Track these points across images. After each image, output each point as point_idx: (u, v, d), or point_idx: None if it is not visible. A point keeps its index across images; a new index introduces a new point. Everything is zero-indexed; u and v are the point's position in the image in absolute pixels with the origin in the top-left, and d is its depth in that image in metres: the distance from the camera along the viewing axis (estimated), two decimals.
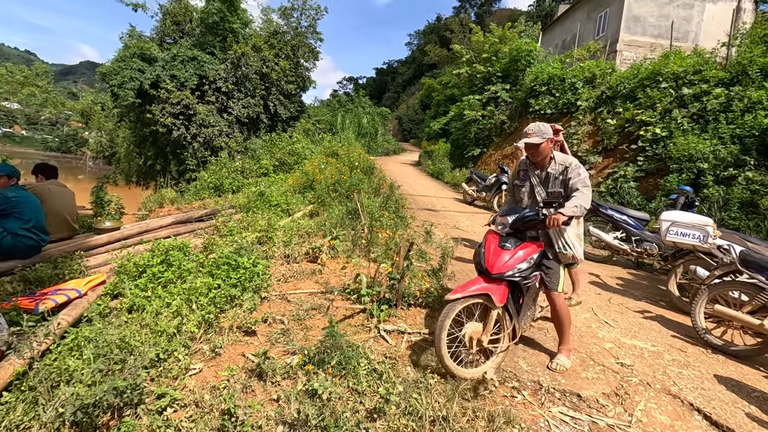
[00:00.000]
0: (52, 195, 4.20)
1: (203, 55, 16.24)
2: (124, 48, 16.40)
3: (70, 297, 3.03)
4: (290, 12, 17.97)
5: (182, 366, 2.50)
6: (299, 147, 12.57)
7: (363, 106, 27.13)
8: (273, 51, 17.22)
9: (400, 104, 51.51)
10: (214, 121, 15.96)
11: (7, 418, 1.95)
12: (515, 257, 2.62)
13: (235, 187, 9.96)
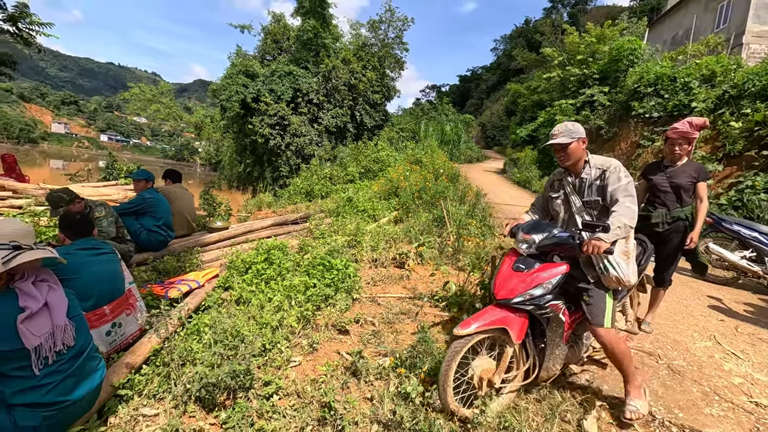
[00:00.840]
0: (177, 197, 4.82)
1: (298, 69, 17.46)
2: (231, 66, 18.28)
3: (192, 287, 3.43)
4: (378, 24, 18.58)
5: (285, 357, 2.68)
6: (383, 155, 12.87)
7: (446, 113, 27.01)
8: (361, 63, 17.92)
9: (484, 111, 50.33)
10: (306, 130, 17.06)
11: (147, 387, 2.26)
12: (528, 280, 2.16)
13: (324, 192, 10.51)
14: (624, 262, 2.24)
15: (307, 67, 18.02)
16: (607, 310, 2.24)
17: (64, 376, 1.70)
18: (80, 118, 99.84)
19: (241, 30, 19.89)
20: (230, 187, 21.90)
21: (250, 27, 20.30)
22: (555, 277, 2.17)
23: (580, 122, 15.16)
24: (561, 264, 2.23)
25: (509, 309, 2.17)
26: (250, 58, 19.17)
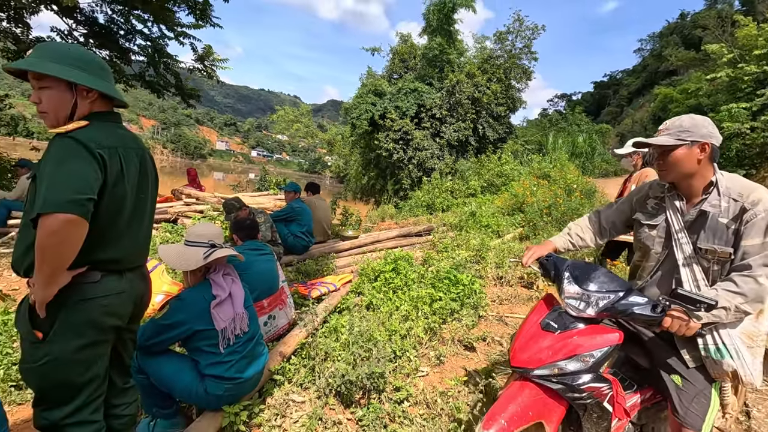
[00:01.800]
0: (316, 207, 5.37)
1: (423, 86, 18.00)
2: (362, 86, 19.71)
3: (330, 289, 3.77)
4: (505, 35, 18.14)
5: (413, 366, 2.77)
6: (507, 168, 12.42)
7: (578, 123, 24.90)
8: (485, 76, 17.69)
9: (624, 119, 45.04)
10: (428, 144, 17.43)
11: (296, 376, 2.55)
12: (559, 346, 1.53)
13: (445, 206, 10.58)
14: (748, 352, 1.48)
15: (431, 83, 18.47)
16: (709, 412, 1.53)
17: (240, 357, 2.02)
18: (237, 137, 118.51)
19: (371, 52, 21.39)
20: (355, 198, 23.44)
21: (380, 49, 21.67)
22: (600, 349, 1.50)
23: (758, 130, 12.54)
24: (612, 330, 1.55)
25: (537, 384, 1.55)
26: (378, 78, 20.45)
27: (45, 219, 1.22)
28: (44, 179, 1.26)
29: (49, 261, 1.26)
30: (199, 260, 1.97)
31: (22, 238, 1.37)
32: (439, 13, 17.40)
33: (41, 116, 1.40)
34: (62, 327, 1.36)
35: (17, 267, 1.39)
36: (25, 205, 1.37)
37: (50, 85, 1.36)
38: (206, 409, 2.03)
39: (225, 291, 2.02)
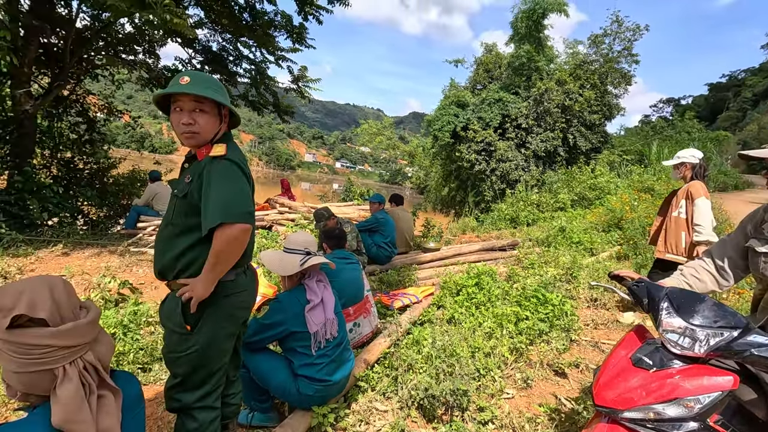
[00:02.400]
0: (400, 218, 5.46)
1: (508, 95, 17.47)
2: (444, 98, 19.70)
3: (412, 301, 3.79)
4: (601, 39, 16.95)
5: (498, 387, 2.66)
6: (602, 181, 11.48)
7: (688, 131, 22.21)
8: (578, 83, 16.66)
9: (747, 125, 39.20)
10: (512, 155, 16.81)
11: (379, 384, 2.60)
12: (656, 387, 1.30)
13: (530, 219, 10.07)
14: None
15: (517, 92, 17.86)
16: None
17: (329, 360, 2.12)
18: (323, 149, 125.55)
19: (455, 64, 21.33)
20: (434, 210, 23.33)
21: (463, 60, 21.51)
22: (708, 394, 1.25)
23: None
24: (724, 372, 1.30)
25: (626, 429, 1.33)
26: (461, 89, 20.30)
27: (226, 228, 1.45)
28: (218, 195, 1.47)
29: (222, 263, 1.50)
30: (295, 266, 2.12)
31: (171, 247, 1.57)
32: (528, 20, 16.82)
33: (191, 136, 1.57)
34: (208, 321, 1.57)
35: (167, 272, 1.60)
36: (172, 217, 1.59)
37: (208, 109, 1.57)
38: (297, 407, 2.16)
39: (318, 296, 2.15)
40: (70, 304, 1.11)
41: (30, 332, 1.08)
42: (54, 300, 1.08)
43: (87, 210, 7.66)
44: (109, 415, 1.11)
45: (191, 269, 1.57)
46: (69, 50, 7.25)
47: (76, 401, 1.06)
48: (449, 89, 21.37)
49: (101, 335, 1.16)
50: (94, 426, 1.07)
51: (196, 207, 1.54)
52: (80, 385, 1.08)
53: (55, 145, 7.84)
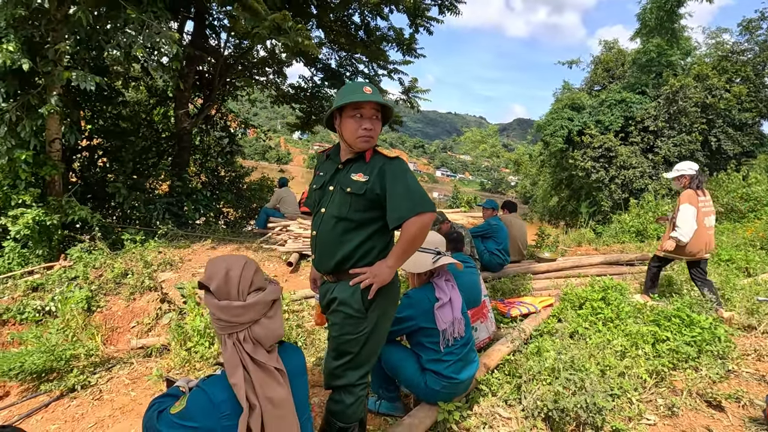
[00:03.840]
0: (512, 225, 5.28)
1: (632, 95, 15.78)
2: (556, 101, 18.53)
3: (530, 310, 3.64)
4: (757, 24, 14.42)
5: (636, 410, 2.42)
6: (758, 190, 9.68)
7: None
8: (724, 76, 14.38)
9: None
10: (636, 162, 15.09)
11: (500, 390, 2.55)
12: None
13: (660, 233, 8.91)
14: None
15: (644, 91, 16.04)
16: None
17: (457, 359, 2.16)
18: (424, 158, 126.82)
19: (568, 66, 19.99)
20: (541, 220, 21.94)
21: (578, 60, 20.07)
22: None
23: None
24: None
25: None
26: (575, 91, 18.91)
27: (421, 217, 1.63)
28: (409, 189, 1.66)
29: (411, 250, 1.69)
30: (427, 264, 2.20)
31: (348, 240, 1.74)
32: (659, 10, 15.03)
33: (368, 139, 1.74)
34: (378, 305, 1.74)
35: (346, 262, 1.75)
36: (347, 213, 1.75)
37: (379, 117, 1.77)
38: (423, 400, 2.23)
39: (447, 295, 2.20)
40: (241, 284, 1.27)
41: (207, 297, 1.31)
42: (227, 278, 1.27)
43: (226, 211, 8.84)
44: (277, 386, 1.27)
45: (367, 258, 1.75)
46: (218, 75, 8.52)
47: (230, 366, 1.23)
48: (562, 92, 20.08)
49: (265, 320, 1.29)
50: (249, 392, 1.22)
51: (375, 202, 1.71)
52: (234, 353, 1.25)
53: (204, 157, 9.23)
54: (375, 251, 1.76)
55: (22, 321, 4.57)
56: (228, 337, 1.25)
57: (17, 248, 5.35)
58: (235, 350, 1.24)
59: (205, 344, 2.89)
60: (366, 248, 1.76)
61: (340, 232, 1.78)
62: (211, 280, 1.26)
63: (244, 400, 1.19)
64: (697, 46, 17.32)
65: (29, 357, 2.80)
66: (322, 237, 1.84)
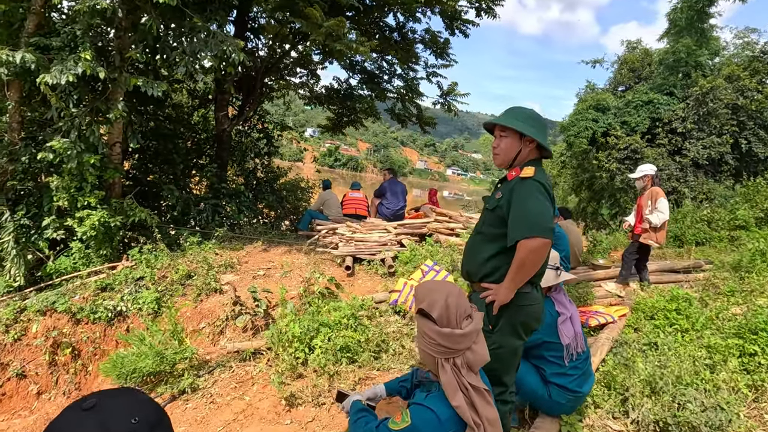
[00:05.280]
0: (570, 232, 5.31)
1: (660, 96, 15.62)
2: (580, 102, 18.37)
3: (607, 320, 3.68)
4: None
5: (746, 425, 2.45)
6: None
7: None
8: (756, 77, 14.16)
9: None
10: (663, 164, 14.93)
11: (604, 403, 2.60)
12: None
13: (699, 238, 8.85)
14: None
15: (672, 92, 15.86)
16: None
17: (581, 373, 2.22)
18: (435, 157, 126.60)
19: (592, 65, 19.83)
20: None
21: (602, 60, 19.91)
22: None
23: None
24: None
25: None
26: (600, 92, 18.73)
27: (531, 241, 1.67)
28: (525, 211, 1.71)
29: (523, 273, 1.72)
30: (550, 280, 2.27)
31: (478, 253, 1.87)
32: (690, 10, 14.84)
33: (494, 157, 1.94)
34: (505, 324, 1.81)
35: (473, 274, 1.89)
36: (481, 227, 1.88)
37: (508, 135, 1.85)
38: (545, 412, 2.29)
39: (568, 311, 2.26)
40: (458, 312, 1.37)
41: (426, 322, 1.39)
42: (446, 305, 1.36)
43: (266, 212, 8.97)
44: (490, 406, 1.35)
45: (495, 275, 1.82)
46: (258, 77, 8.63)
47: (450, 388, 1.32)
48: (586, 92, 19.90)
49: (476, 346, 1.39)
50: (472, 412, 1.30)
51: (503, 219, 1.80)
52: (453, 376, 1.34)
53: (243, 158, 9.35)
54: (503, 269, 1.81)
55: (95, 320, 4.72)
56: (446, 362, 1.32)
57: (82, 249, 5.50)
58: (454, 374, 1.31)
59: (306, 350, 2.99)
60: (494, 264, 1.84)
61: (474, 244, 1.94)
62: (433, 309, 1.34)
63: (471, 421, 1.26)
64: (725, 45, 17.07)
65: (143, 360, 2.91)
66: (466, 246, 2.01)
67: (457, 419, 1.27)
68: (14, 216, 5.17)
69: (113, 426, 0.64)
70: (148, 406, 0.70)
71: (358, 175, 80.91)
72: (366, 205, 7.73)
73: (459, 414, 1.26)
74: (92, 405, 0.66)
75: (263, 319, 4.33)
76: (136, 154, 7.32)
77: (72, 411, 0.66)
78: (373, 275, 5.39)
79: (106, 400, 0.68)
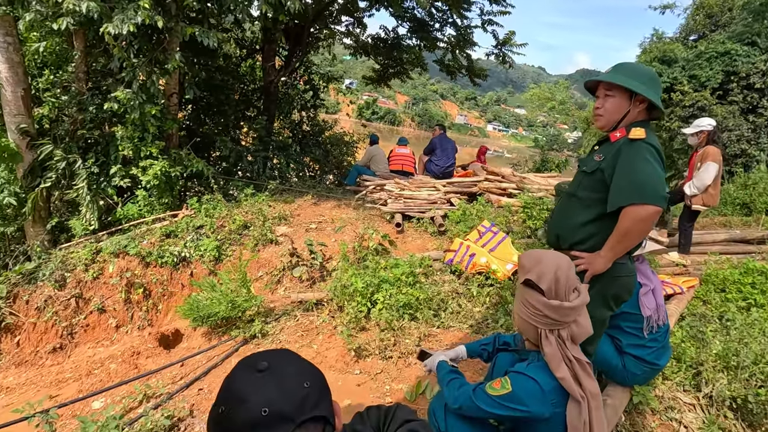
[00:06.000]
0: None
1: (739, 47, 14.02)
2: (643, 53, 16.85)
3: (675, 291, 3.53)
4: None
5: None
6: None
7: None
8: None
9: None
10: (734, 124, 13.63)
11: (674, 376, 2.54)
12: None
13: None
14: None
15: (754, 42, 14.18)
16: None
17: (660, 346, 2.16)
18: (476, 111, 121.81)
19: (660, 11, 17.98)
20: None
21: (673, 5, 17.97)
22: None
23: None
24: None
25: None
26: (667, 42, 17.03)
27: (639, 208, 1.56)
28: (633, 175, 1.58)
29: (625, 243, 1.64)
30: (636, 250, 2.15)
31: (571, 218, 1.78)
32: None
33: (597, 117, 1.78)
34: (596, 295, 1.73)
35: (563, 240, 1.81)
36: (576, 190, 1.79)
37: (615, 94, 1.70)
38: (617, 382, 2.27)
39: (651, 282, 2.16)
40: (567, 284, 1.32)
41: (531, 293, 1.35)
42: (555, 278, 1.31)
43: (312, 165, 9.04)
44: (591, 380, 1.33)
45: (588, 242, 1.73)
46: (305, 26, 8.38)
47: (555, 360, 1.30)
48: (650, 43, 18.17)
49: (581, 319, 1.36)
50: (576, 384, 1.29)
51: (604, 184, 1.68)
52: (557, 348, 1.32)
53: (289, 110, 9.33)
54: (598, 236, 1.72)
55: (162, 264, 5.04)
56: (550, 333, 1.30)
57: (146, 197, 5.79)
58: (558, 346, 1.29)
59: (368, 304, 3.08)
60: (589, 231, 1.74)
61: (567, 208, 1.84)
62: (542, 280, 1.30)
63: (577, 393, 1.25)
64: None
65: (217, 305, 3.11)
66: (555, 210, 1.94)
67: (560, 391, 1.27)
68: (85, 164, 5.46)
69: (291, 390, 0.66)
70: (313, 370, 0.72)
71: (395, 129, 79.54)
72: (413, 162, 7.61)
73: (563, 386, 1.26)
74: (265, 367, 0.68)
75: (318, 271, 4.48)
76: (189, 105, 7.44)
77: (247, 371, 0.68)
78: (423, 233, 5.38)
79: (275, 362, 0.70)
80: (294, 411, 0.64)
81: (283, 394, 0.65)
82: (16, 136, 5.00)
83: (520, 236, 4.71)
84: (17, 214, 5.32)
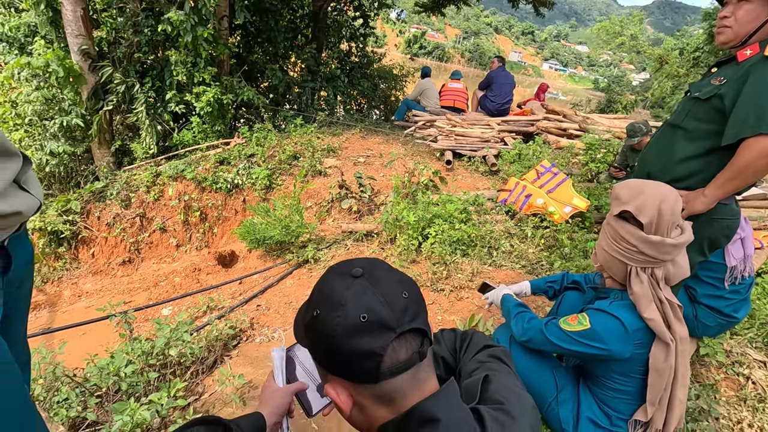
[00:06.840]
0: None
1: None
2: None
3: (755, 246, 3.24)
4: None
5: None
6: None
7: None
8: None
9: None
10: None
11: (742, 331, 2.39)
12: None
13: None
14: None
15: None
16: None
17: (741, 298, 2.00)
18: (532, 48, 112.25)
19: None
20: None
21: None
22: None
23: None
24: None
25: None
26: None
27: (763, 139, 1.32)
28: (760, 98, 1.33)
29: (740, 181, 1.42)
30: None
31: (672, 151, 1.57)
32: None
33: (722, 30, 1.46)
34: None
35: (662, 175, 1.58)
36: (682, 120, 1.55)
37: (753, 0, 1.38)
38: None
39: (744, 231, 1.95)
40: (670, 219, 1.18)
41: (626, 227, 1.22)
42: (659, 212, 1.17)
43: (359, 99, 8.80)
44: (681, 324, 1.23)
45: (688, 180, 1.54)
46: None
47: (644, 301, 1.20)
48: None
49: (680, 259, 1.23)
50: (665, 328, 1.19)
51: (720, 113, 1.44)
52: (649, 288, 1.21)
53: (338, 39, 8.93)
54: (702, 174, 1.51)
55: (217, 190, 5.23)
56: (642, 271, 1.20)
57: (200, 123, 5.89)
58: (650, 286, 1.19)
59: (419, 238, 3.05)
60: (693, 167, 1.52)
61: (668, 140, 1.60)
62: (642, 213, 1.17)
63: (667, 336, 1.17)
64: None
65: (272, 230, 3.21)
66: (651, 142, 1.70)
67: (646, 332, 1.19)
68: (143, 88, 5.56)
69: (390, 298, 0.61)
70: (409, 280, 0.67)
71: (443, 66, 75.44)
72: (465, 98, 7.19)
73: (651, 327, 1.17)
74: (360, 273, 0.63)
75: (367, 204, 4.48)
76: (239, 30, 7.27)
77: (341, 277, 0.64)
78: (473, 172, 5.20)
79: (370, 269, 0.65)
80: (394, 320, 0.60)
81: (383, 302, 0.60)
82: (78, 58, 5.11)
83: (579, 179, 4.43)
84: (84, 136, 5.60)
